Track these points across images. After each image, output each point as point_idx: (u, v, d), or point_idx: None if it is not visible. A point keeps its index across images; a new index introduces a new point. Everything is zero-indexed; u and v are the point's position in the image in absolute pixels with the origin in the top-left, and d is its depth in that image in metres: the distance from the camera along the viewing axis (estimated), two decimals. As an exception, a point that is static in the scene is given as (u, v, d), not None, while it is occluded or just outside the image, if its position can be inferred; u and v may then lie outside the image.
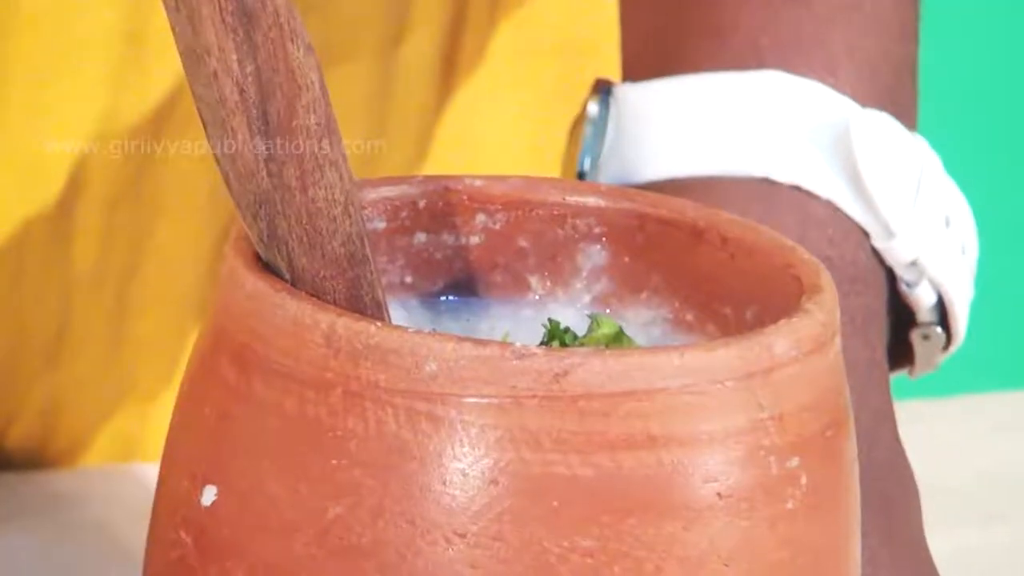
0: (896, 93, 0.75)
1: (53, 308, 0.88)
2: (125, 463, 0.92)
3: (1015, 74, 2.24)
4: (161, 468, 0.57)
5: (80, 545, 0.85)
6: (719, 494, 0.53)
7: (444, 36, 0.92)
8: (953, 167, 0.76)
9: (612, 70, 0.78)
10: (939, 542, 0.72)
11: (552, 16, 0.92)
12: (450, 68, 0.93)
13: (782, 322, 0.55)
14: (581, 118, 0.75)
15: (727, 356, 0.54)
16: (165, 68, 0.86)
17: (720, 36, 0.75)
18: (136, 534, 0.58)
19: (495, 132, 0.94)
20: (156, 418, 0.92)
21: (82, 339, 0.90)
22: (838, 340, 0.56)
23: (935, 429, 0.74)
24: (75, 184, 0.86)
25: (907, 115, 0.75)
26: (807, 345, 0.55)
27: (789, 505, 0.54)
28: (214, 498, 0.54)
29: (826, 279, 0.57)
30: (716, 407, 0.53)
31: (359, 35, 0.89)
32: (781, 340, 0.54)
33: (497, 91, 0.94)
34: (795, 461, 0.54)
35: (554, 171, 0.76)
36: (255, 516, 0.54)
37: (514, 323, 0.60)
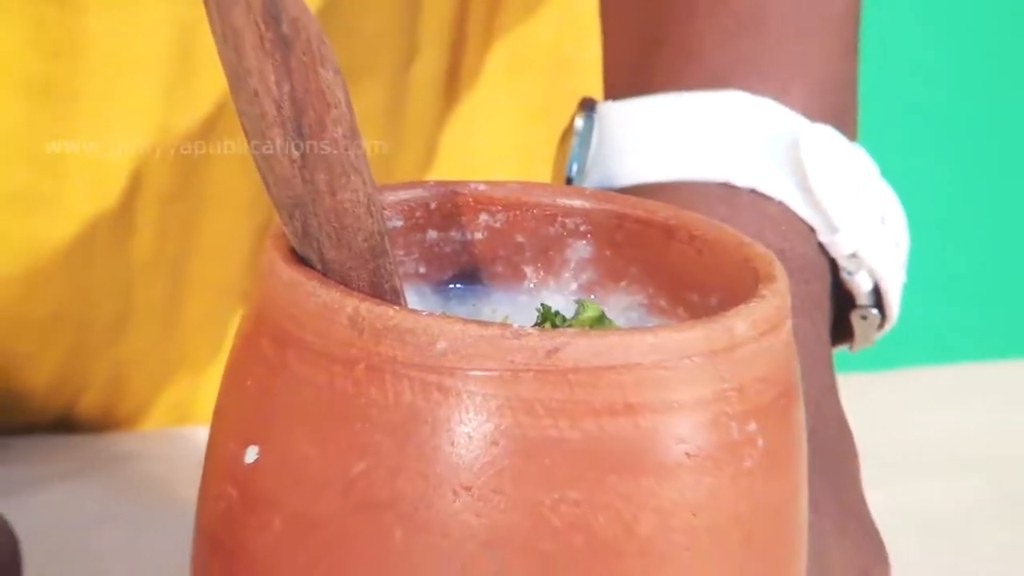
0: (839, 109, 0.75)
1: (116, 292, 0.87)
2: (179, 427, 0.91)
3: (940, 91, 2.24)
4: (210, 431, 0.57)
5: (140, 497, 0.84)
6: (687, 454, 0.53)
7: (447, 57, 0.90)
8: (887, 172, 0.76)
9: (594, 87, 0.77)
10: (875, 498, 0.71)
11: (541, 38, 0.92)
12: (453, 84, 0.91)
13: (741, 307, 0.55)
14: (569, 131, 0.75)
15: (694, 336, 0.54)
16: (212, 84, 0.84)
17: (688, 60, 0.74)
18: (189, 488, 0.57)
19: (492, 140, 0.93)
20: (205, 388, 0.92)
21: (142, 319, 0.89)
22: (789, 322, 0.56)
23: (871, 398, 0.74)
24: (135, 184, 0.85)
25: (848, 128, 0.75)
26: (763, 326, 0.55)
27: (747, 464, 0.54)
28: (256, 457, 0.54)
29: (779, 269, 0.57)
30: (685, 379, 0.53)
31: (376, 57, 0.87)
32: (740, 322, 0.54)
33: (494, 105, 0.93)
34: (753, 426, 0.54)
35: (545, 176, 0.76)
36: (290, 473, 0.54)
37: (512, 307, 0.60)
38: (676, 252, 0.60)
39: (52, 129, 0.83)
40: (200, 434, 0.87)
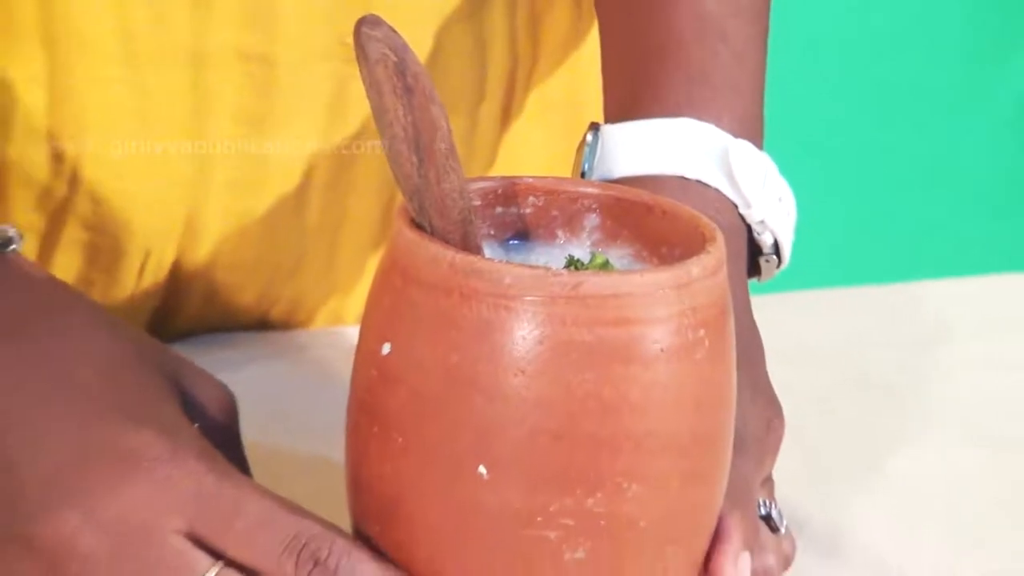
0: (753, 131, 0.74)
1: (295, 245, 0.86)
2: (335, 327, 0.90)
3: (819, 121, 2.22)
4: (359, 333, 0.56)
5: (312, 372, 0.83)
6: (661, 349, 0.54)
7: (502, 100, 0.89)
8: (782, 169, 0.77)
9: (597, 116, 0.77)
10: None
11: (563, 87, 0.91)
12: (506, 117, 0.90)
13: (695, 257, 0.55)
14: (582, 144, 0.74)
15: (665, 276, 0.54)
16: (358, 112, 0.83)
17: (658, 101, 0.74)
18: (344, 367, 0.57)
19: (532, 152, 0.91)
20: (351, 303, 0.91)
21: (311, 262, 0.88)
22: (725, 266, 0.56)
23: (770, 312, 0.74)
24: (308, 174, 0.84)
25: (758, 142, 0.74)
26: (709, 270, 0.55)
27: (698, 356, 0.54)
28: (388, 350, 0.54)
29: (718, 233, 0.57)
30: (659, 303, 0.54)
31: (459, 100, 0.86)
32: (695, 267, 0.55)
33: (533, 129, 0.91)
34: (702, 332, 0.54)
35: (567, 173, 0.75)
36: (410, 361, 0.54)
37: (549, 256, 0.60)
38: (653, 222, 0.59)
39: (258, 139, 0.81)
40: (349, 332, 0.89)
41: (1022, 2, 2.28)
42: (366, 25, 0.52)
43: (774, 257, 0.75)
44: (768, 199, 0.73)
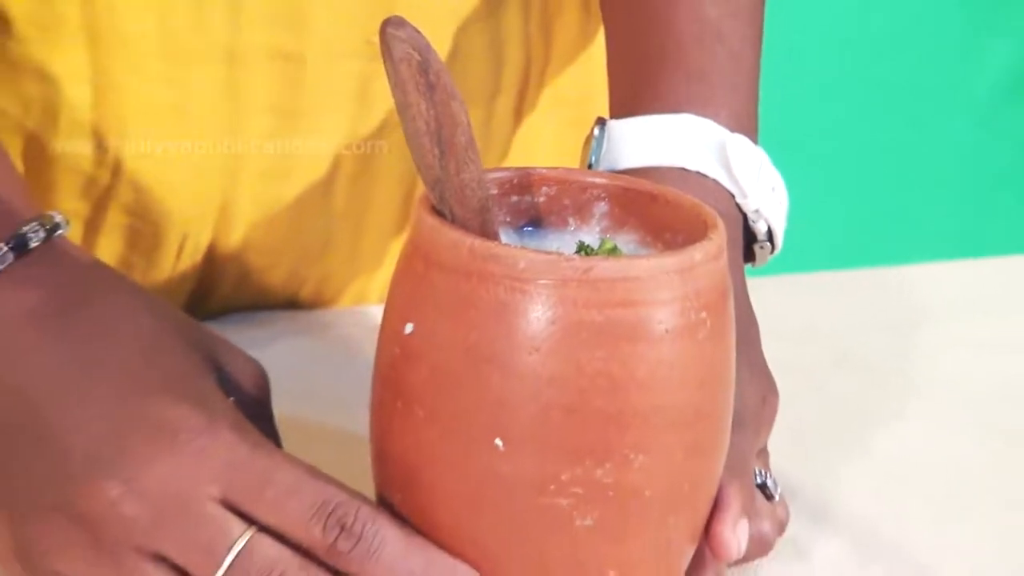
0: (748, 126, 0.74)
1: (322, 230, 0.86)
2: (360, 306, 0.90)
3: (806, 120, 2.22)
4: (383, 313, 0.56)
5: (338, 349, 0.83)
6: (666, 330, 0.53)
7: (516, 95, 0.88)
8: (775, 159, 0.76)
9: (603, 111, 0.77)
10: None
11: (572, 83, 0.90)
12: (520, 112, 0.89)
13: (697, 244, 0.55)
14: (590, 137, 0.73)
15: (670, 261, 0.54)
16: (382, 108, 0.82)
17: (659, 98, 0.73)
18: (368, 345, 0.57)
19: (543, 144, 0.91)
20: (375, 284, 0.90)
21: (337, 245, 0.87)
22: (725, 252, 0.56)
23: (764, 295, 0.74)
24: (335, 165, 0.83)
25: (753, 137, 0.74)
26: (711, 255, 0.55)
27: (701, 335, 0.54)
28: (411, 330, 0.54)
29: (719, 221, 0.57)
30: (664, 286, 0.53)
31: (476, 95, 0.86)
32: (697, 253, 0.54)
33: (544, 123, 0.91)
34: (703, 314, 0.54)
35: (576, 164, 0.74)
36: (431, 340, 0.54)
37: (561, 242, 0.60)
38: (658, 210, 0.59)
39: (288, 132, 0.81)
40: (373, 311, 0.87)
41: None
42: (391, 26, 0.52)
43: (768, 243, 0.74)
44: (762, 189, 0.73)
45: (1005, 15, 2.27)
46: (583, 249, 0.58)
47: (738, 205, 0.73)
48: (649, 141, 0.73)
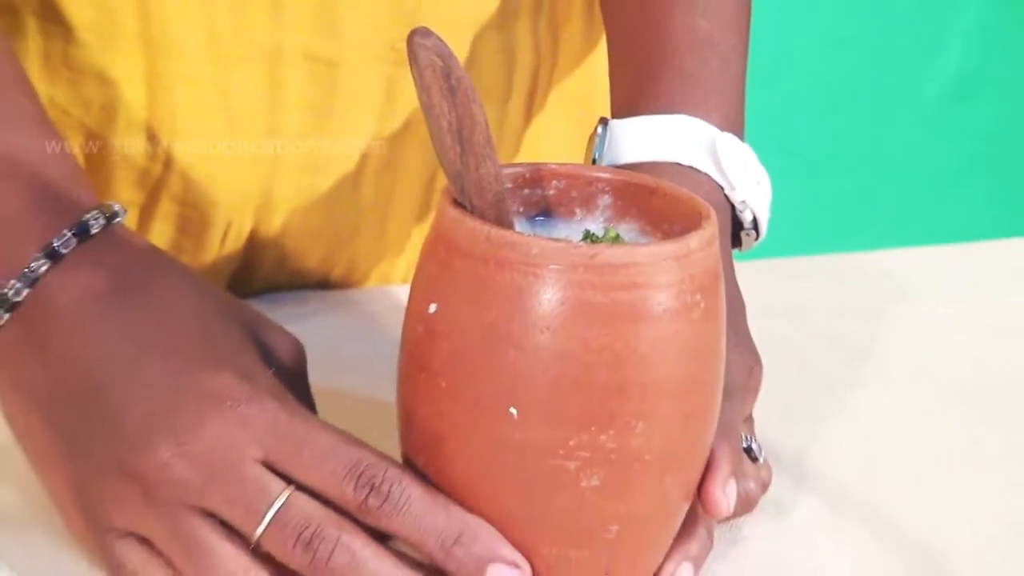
0: (737, 126, 0.74)
1: (351, 218, 0.85)
2: (385, 286, 0.89)
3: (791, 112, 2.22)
4: (409, 294, 0.56)
5: (366, 326, 0.82)
6: (664, 310, 0.53)
7: (527, 97, 0.88)
8: (760, 155, 0.76)
9: (606, 111, 0.77)
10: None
11: (578, 85, 0.90)
12: (530, 112, 0.89)
13: (693, 233, 0.55)
14: (593, 135, 0.73)
15: (668, 248, 0.53)
16: (406, 109, 0.82)
17: (656, 99, 0.73)
18: (394, 323, 0.56)
19: (552, 141, 0.90)
20: (399, 267, 0.90)
21: (365, 232, 0.87)
22: (717, 240, 0.56)
23: (750, 276, 0.74)
24: (363, 162, 0.83)
25: (740, 135, 0.74)
26: (704, 243, 0.55)
27: (695, 315, 0.54)
28: (435, 309, 0.54)
29: (712, 212, 0.56)
30: (663, 271, 0.53)
31: (489, 95, 0.85)
32: (693, 241, 0.54)
33: (553, 122, 0.90)
34: (698, 296, 0.54)
35: (582, 160, 0.74)
36: (452, 319, 0.54)
37: (569, 231, 0.59)
38: (657, 202, 0.59)
39: (322, 130, 0.81)
40: (396, 291, 0.87)
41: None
42: (418, 35, 0.52)
43: (753, 231, 0.74)
44: (749, 183, 0.73)
45: (952, 20, 2.27)
46: (589, 237, 0.58)
47: (727, 196, 0.72)
48: (648, 139, 0.72)
